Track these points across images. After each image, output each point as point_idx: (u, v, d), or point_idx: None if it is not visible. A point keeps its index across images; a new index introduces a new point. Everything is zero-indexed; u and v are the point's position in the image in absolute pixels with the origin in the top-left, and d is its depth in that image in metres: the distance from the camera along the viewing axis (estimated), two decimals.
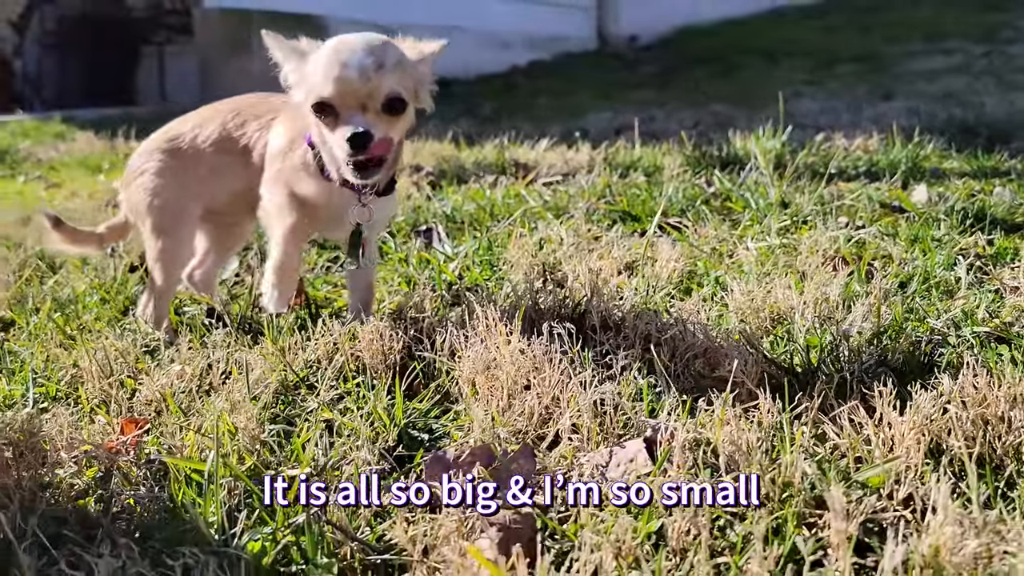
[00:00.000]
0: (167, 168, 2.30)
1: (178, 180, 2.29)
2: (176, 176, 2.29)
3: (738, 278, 2.37)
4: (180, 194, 2.29)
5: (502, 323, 1.98)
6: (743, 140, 4.56)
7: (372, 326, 2.03)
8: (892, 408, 1.51)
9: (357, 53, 1.86)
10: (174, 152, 2.31)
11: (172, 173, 2.29)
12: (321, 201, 2.15)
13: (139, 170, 2.33)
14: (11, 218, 4.00)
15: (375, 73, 1.84)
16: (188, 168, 2.29)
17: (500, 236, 3.07)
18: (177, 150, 2.31)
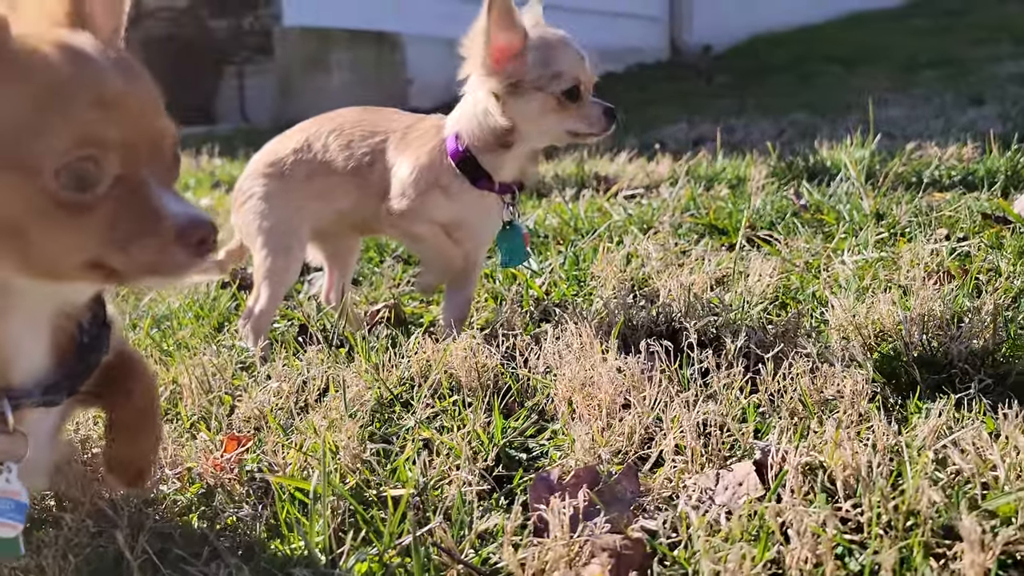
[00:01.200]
0: (272, 191, 2.33)
1: (284, 202, 2.33)
2: (282, 198, 2.33)
3: (837, 293, 2.30)
4: (287, 215, 2.33)
5: (597, 340, 1.96)
6: (829, 150, 4.45)
7: (464, 343, 2.02)
8: (1019, 431, 1.44)
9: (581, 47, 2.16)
10: (278, 175, 2.34)
11: (278, 196, 2.33)
12: (472, 213, 2.24)
13: (247, 194, 2.37)
14: None
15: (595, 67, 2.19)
16: (293, 190, 2.32)
17: (586, 251, 3.04)
18: (281, 173, 2.34)
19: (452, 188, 2.19)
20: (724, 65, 14.42)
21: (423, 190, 2.20)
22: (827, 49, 14.29)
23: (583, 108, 2.12)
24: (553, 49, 2.11)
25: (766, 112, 8.25)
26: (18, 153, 0.94)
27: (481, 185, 2.19)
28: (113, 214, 0.98)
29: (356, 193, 2.30)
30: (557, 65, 2.09)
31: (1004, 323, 1.97)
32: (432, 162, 2.20)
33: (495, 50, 2.07)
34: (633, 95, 12.06)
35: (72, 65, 0.99)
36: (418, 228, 2.26)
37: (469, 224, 2.27)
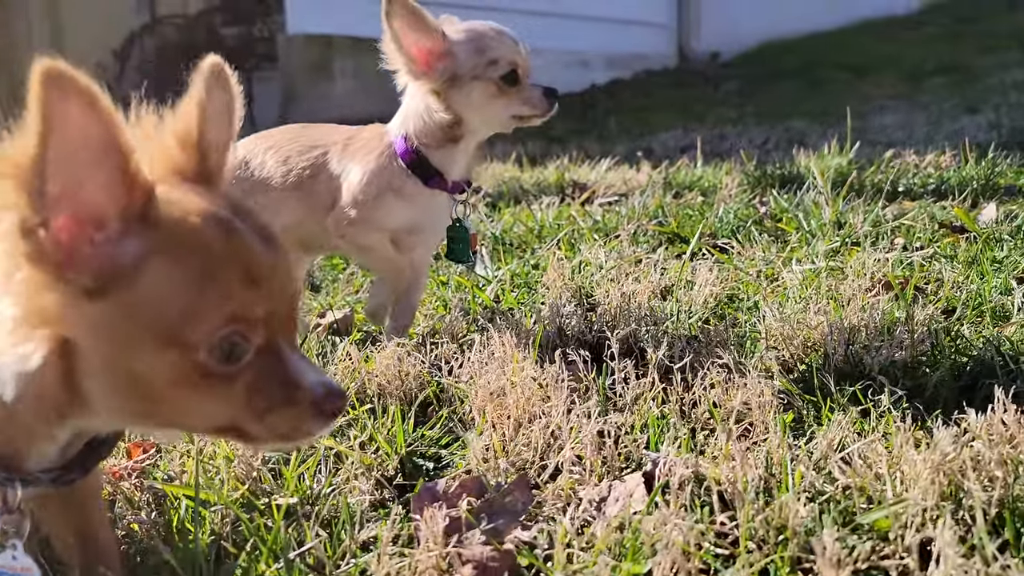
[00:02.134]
0: None
1: None
2: None
3: (775, 303, 2.28)
4: None
5: (518, 349, 1.95)
6: (808, 158, 4.43)
7: (391, 351, 2.02)
8: (913, 445, 1.42)
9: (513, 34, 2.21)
10: None
11: None
12: (425, 215, 2.26)
13: None
14: None
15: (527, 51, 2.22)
16: None
17: (544, 258, 3.04)
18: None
19: (405, 189, 2.20)
20: (732, 72, 14.36)
21: (375, 195, 2.21)
22: (837, 56, 14.20)
23: (524, 92, 2.16)
24: (485, 38, 2.15)
25: (764, 120, 8.21)
26: (174, 331, 0.94)
27: (434, 184, 2.21)
28: (253, 383, 0.99)
29: (299, 208, 2.30)
30: (492, 53, 2.13)
31: (931, 334, 1.95)
32: (382, 166, 2.21)
33: (417, 54, 2.09)
34: (638, 102, 12.05)
35: (223, 241, 0.97)
36: (368, 239, 2.26)
37: (421, 227, 2.29)
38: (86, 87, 0.84)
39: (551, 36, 13.26)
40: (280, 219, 2.32)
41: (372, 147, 2.23)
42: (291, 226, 2.34)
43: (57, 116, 0.83)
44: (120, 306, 0.93)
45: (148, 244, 0.93)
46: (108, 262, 0.92)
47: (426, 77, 2.12)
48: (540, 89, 2.19)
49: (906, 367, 1.84)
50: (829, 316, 2.07)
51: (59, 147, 0.85)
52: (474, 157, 2.33)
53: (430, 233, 2.34)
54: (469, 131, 2.21)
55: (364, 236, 2.26)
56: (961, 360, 1.89)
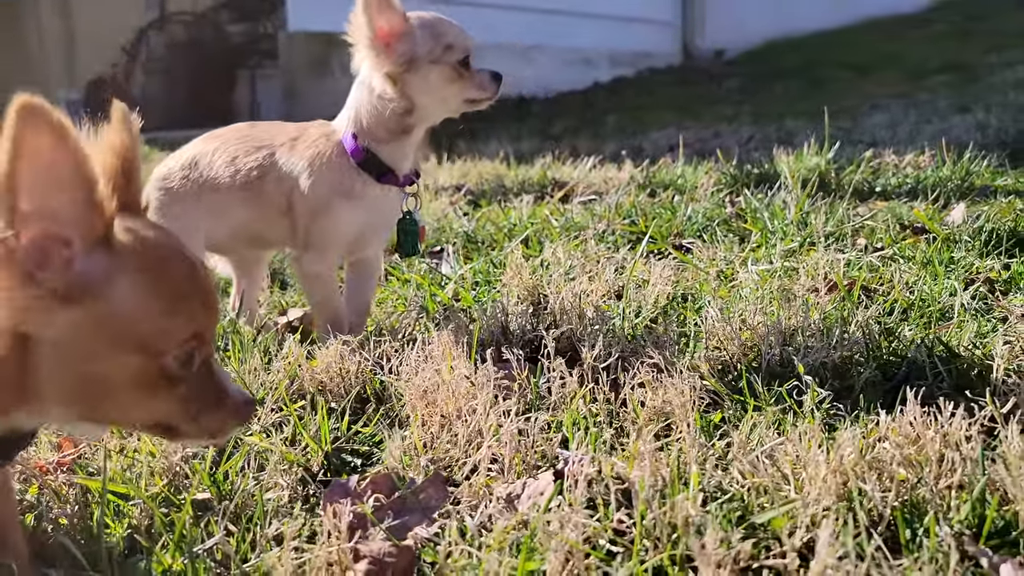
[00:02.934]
0: (164, 204, 2.35)
1: (176, 218, 2.32)
2: (172, 213, 2.34)
3: (720, 303, 2.29)
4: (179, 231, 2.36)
5: (457, 347, 1.97)
6: (788, 157, 4.42)
7: (334, 348, 2.04)
8: (819, 446, 1.43)
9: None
10: (167, 191, 2.37)
11: (169, 211, 2.35)
12: (377, 214, 2.29)
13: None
14: None
15: None
16: (183, 206, 2.34)
17: (510, 257, 3.05)
18: (170, 189, 2.37)
19: (355, 190, 2.22)
20: (736, 70, 14.33)
21: (324, 204, 2.22)
22: (842, 55, 14.15)
23: (475, 76, 2.23)
24: (439, 24, 2.20)
25: (760, 118, 8.20)
26: (144, 340, 1.08)
27: (386, 180, 2.23)
28: (191, 389, 1.14)
29: (247, 208, 2.32)
30: (447, 38, 2.18)
31: (866, 335, 1.96)
32: (330, 167, 2.22)
33: (381, 33, 2.13)
34: (639, 100, 12.04)
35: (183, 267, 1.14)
36: (321, 264, 2.30)
37: (374, 226, 2.31)
38: (58, 122, 0.94)
39: (554, 34, 13.29)
40: (229, 219, 2.35)
41: (319, 147, 2.25)
42: (241, 226, 2.37)
43: (28, 145, 0.93)
44: (90, 314, 1.03)
45: (115, 264, 1.04)
46: (77, 275, 1.02)
47: (385, 56, 2.15)
48: (487, 73, 2.25)
49: (836, 368, 1.85)
50: (770, 316, 2.08)
51: (29, 172, 0.95)
52: (420, 148, 2.35)
53: (382, 230, 2.37)
54: (421, 118, 2.23)
55: (320, 262, 2.29)
56: (895, 360, 1.90)
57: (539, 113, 10.85)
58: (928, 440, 1.40)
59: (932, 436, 1.40)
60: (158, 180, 2.41)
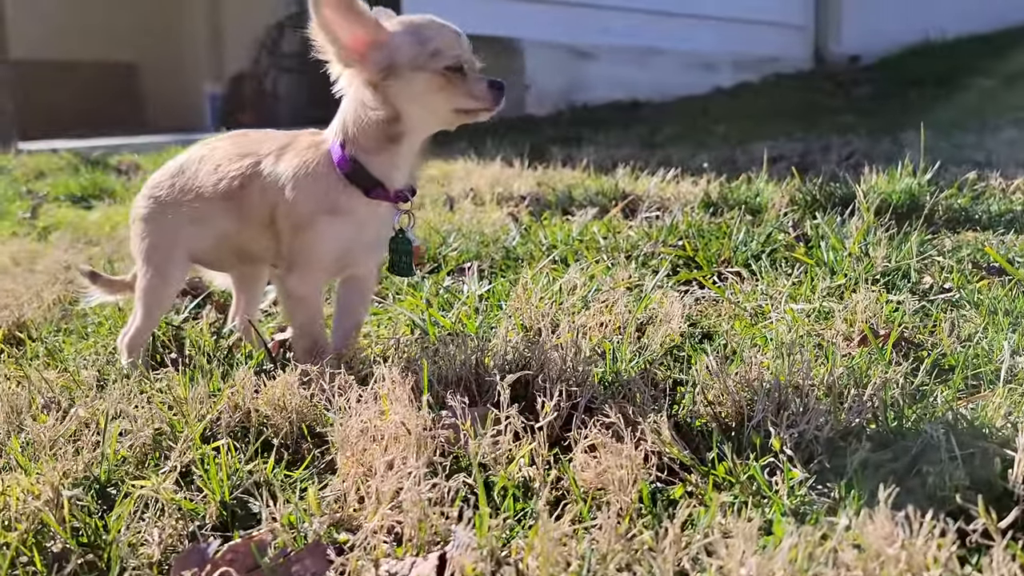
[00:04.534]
0: (153, 213, 2.27)
1: (161, 225, 2.26)
2: (159, 221, 2.26)
3: (729, 346, 2.01)
4: (163, 238, 2.27)
5: (403, 386, 1.77)
6: (878, 176, 4.01)
7: (281, 381, 1.88)
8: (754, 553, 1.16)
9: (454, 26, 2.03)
10: (156, 199, 2.28)
11: (156, 218, 2.27)
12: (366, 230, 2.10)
13: (134, 214, 2.34)
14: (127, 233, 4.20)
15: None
16: (169, 214, 2.26)
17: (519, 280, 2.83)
18: (157, 198, 2.28)
19: (341, 204, 2.05)
20: (869, 77, 13.56)
21: (308, 220, 2.07)
22: (988, 63, 13.13)
23: (467, 83, 1.99)
24: (426, 29, 1.99)
25: (880, 130, 7.63)
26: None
27: (375, 195, 2.05)
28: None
29: (229, 219, 2.20)
30: (433, 43, 1.96)
31: (874, 403, 1.64)
32: (316, 180, 2.07)
33: (351, 43, 1.96)
34: (759, 106, 11.51)
35: None
36: (306, 286, 2.13)
37: (363, 243, 2.13)
38: None
39: (673, 37, 12.88)
40: (212, 229, 2.23)
41: (306, 157, 2.09)
42: (223, 237, 2.24)
43: None
44: None
45: None
46: None
47: (360, 65, 1.98)
48: (485, 81, 2.01)
49: (830, 442, 1.55)
50: (775, 370, 1.79)
51: None
52: (417, 161, 2.15)
53: (373, 249, 2.18)
54: (409, 128, 2.03)
55: (304, 283, 2.13)
56: (909, 434, 1.58)
57: (649, 119, 10.49)
58: (888, 559, 1.11)
59: (894, 554, 1.11)
60: (148, 188, 2.32)
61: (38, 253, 3.87)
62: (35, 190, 6.04)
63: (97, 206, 5.55)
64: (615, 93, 11.80)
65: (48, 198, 5.87)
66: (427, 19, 2.03)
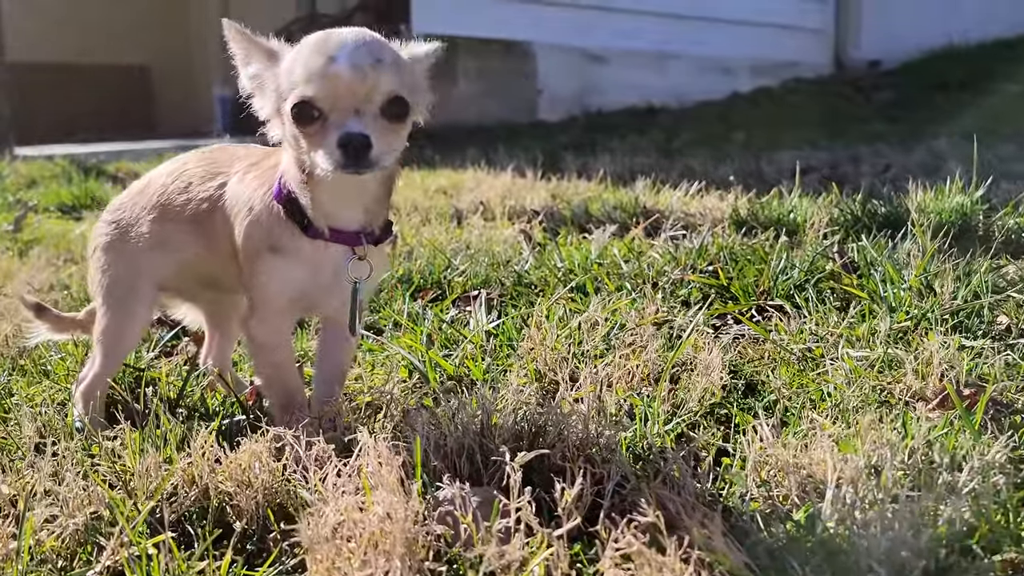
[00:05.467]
0: (113, 241, 1.98)
1: (122, 254, 1.96)
2: (121, 249, 1.96)
3: (774, 417, 1.69)
4: (125, 269, 1.96)
5: (396, 463, 1.45)
6: (924, 193, 3.68)
7: (247, 450, 1.57)
8: None
9: (347, 45, 1.53)
10: (118, 224, 1.98)
11: (117, 247, 1.97)
12: (315, 273, 1.74)
13: (93, 243, 2.04)
14: None
15: (372, 69, 1.52)
16: (131, 239, 1.96)
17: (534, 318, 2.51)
18: (119, 222, 1.98)
19: (283, 241, 1.73)
20: (890, 82, 13.18)
21: (254, 256, 1.75)
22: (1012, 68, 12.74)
23: (323, 135, 1.53)
24: (298, 53, 1.58)
25: (910, 138, 7.28)
26: None
27: (312, 234, 1.71)
28: None
29: (195, 244, 1.90)
30: (295, 73, 1.55)
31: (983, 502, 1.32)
32: (261, 212, 1.75)
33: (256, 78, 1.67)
34: (779, 112, 11.17)
35: None
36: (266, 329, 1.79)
37: (320, 286, 1.77)
38: None
39: (690, 41, 12.55)
40: (178, 254, 1.93)
41: (264, 180, 1.78)
42: (189, 264, 1.94)
43: None
44: None
45: None
46: None
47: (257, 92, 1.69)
48: (337, 135, 1.50)
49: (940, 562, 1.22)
50: (842, 444, 1.47)
51: None
52: (376, 200, 1.73)
53: (336, 291, 1.78)
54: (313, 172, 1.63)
55: (263, 326, 1.79)
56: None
57: (665, 124, 10.16)
58: None
59: None
60: (110, 212, 2.02)
61: (12, 273, 3.57)
62: (25, 199, 5.76)
63: (86, 217, 5.26)
64: (630, 98, 11.47)
65: (37, 208, 5.60)
66: (319, 36, 1.60)
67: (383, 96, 1.52)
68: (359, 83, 1.50)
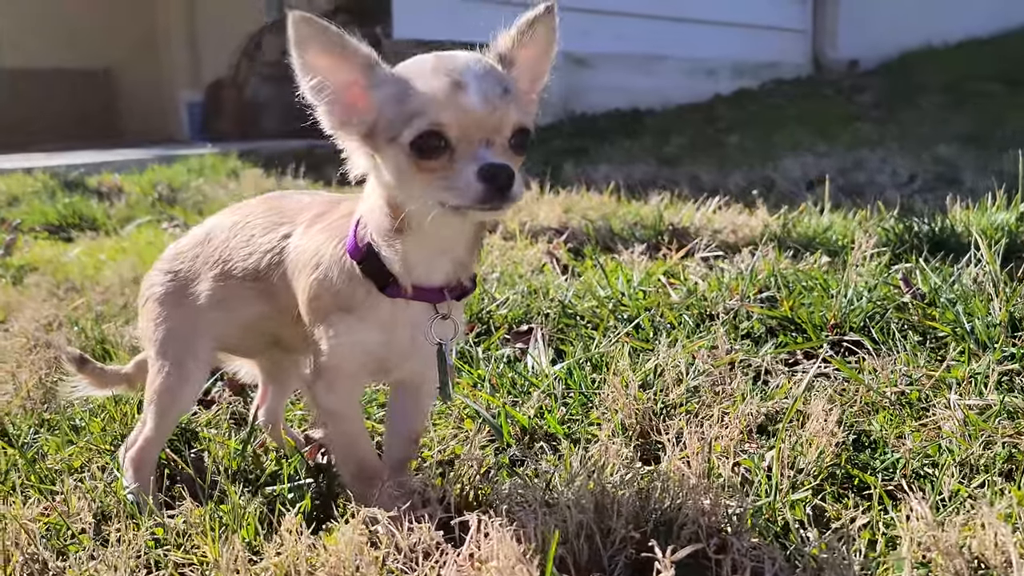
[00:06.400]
0: (169, 294, 1.80)
1: (180, 308, 1.79)
2: (178, 304, 1.79)
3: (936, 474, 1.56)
4: (182, 325, 1.78)
5: (527, 563, 1.30)
6: (966, 210, 3.58)
7: (349, 532, 1.40)
8: None
9: (473, 72, 1.38)
10: (175, 275, 1.81)
11: (174, 300, 1.80)
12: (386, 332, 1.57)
13: (146, 294, 1.85)
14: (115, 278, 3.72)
15: (500, 99, 1.38)
16: (188, 296, 1.78)
17: (610, 353, 2.37)
18: (176, 272, 1.81)
19: (356, 300, 1.55)
20: (870, 83, 13.20)
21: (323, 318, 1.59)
22: (993, 67, 12.83)
23: (451, 169, 1.36)
24: (417, 78, 1.39)
25: (907, 144, 7.23)
26: None
27: (391, 292, 1.54)
28: None
29: (258, 303, 1.72)
30: (414, 101, 1.37)
31: None
32: (331, 266, 1.58)
33: (346, 94, 1.43)
34: (765, 115, 11.11)
35: None
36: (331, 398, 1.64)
37: (397, 349, 1.60)
38: None
39: (674, 44, 12.46)
40: (237, 313, 1.75)
41: (332, 233, 1.60)
42: (251, 324, 1.77)
43: None
44: None
45: None
46: None
47: (344, 129, 1.46)
48: (476, 166, 1.35)
49: None
50: (1007, 529, 1.34)
51: None
52: (467, 252, 1.56)
53: (413, 354, 1.62)
54: (411, 219, 1.47)
55: (332, 393, 1.63)
56: None
57: (654, 128, 10.06)
58: None
59: None
60: (166, 261, 1.84)
61: (13, 305, 3.36)
62: (9, 218, 5.51)
63: (78, 239, 5.04)
64: (614, 101, 11.38)
65: (23, 227, 5.35)
66: (434, 59, 1.42)
67: (511, 127, 1.39)
68: (490, 114, 1.36)
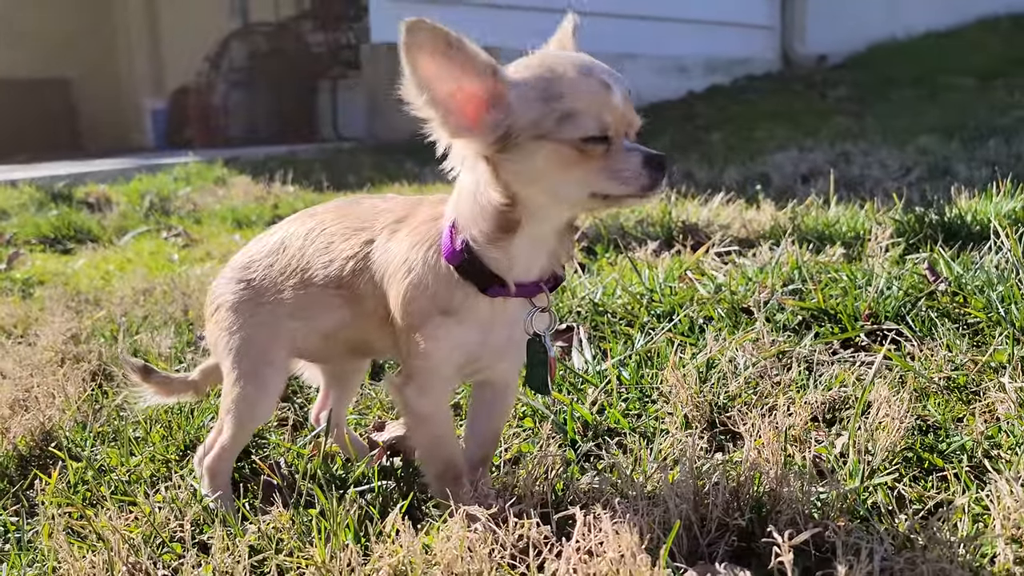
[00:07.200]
0: (243, 302, 1.80)
1: (255, 317, 1.79)
2: (253, 312, 1.79)
3: (1001, 454, 1.62)
4: (259, 334, 1.78)
5: (642, 549, 1.34)
6: (970, 199, 3.68)
7: (456, 533, 1.43)
8: None
9: (606, 71, 1.50)
10: (248, 284, 1.81)
11: (249, 309, 1.80)
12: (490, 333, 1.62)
13: (217, 302, 1.84)
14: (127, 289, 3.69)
15: (629, 96, 1.51)
16: (265, 303, 1.79)
17: (658, 348, 2.41)
18: (250, 281, 1.81)
19: (455, 303, 1.59)
20: (841, 77, 13.40)
21: (420, 322, 1.61)
22: (959, 59, 13.08)
23: (613, 160, 1.44)
24: (561, 78, 1.44)
25: (888, 135, 7.37)
26: None
27: (493, 292, 1.57)
28: None
29: (341, 311, 1.73)
30: (568, 100, 1.43)
31: None
32: (426, 271, 1.60)
33: (457, 102, 1.45)
34: (741, 111, 11.25)
35: None
36: (425, 402, 1.66)
37: (492, 348, 1.64)
38: None
39: (647, 42, 12.57)
40: (318, 322, 1.76)
41: (421, 236, 1.63)
42: (333, 332, 1.78)
43: None
44: None
45: None
46: None
47: (471, 135, 1.47)
48: (640, 155, 1.44)
49: None
50: None
51: None
52: (562, 242, 1.61)
53: (506, 352, 1.67)
54: (529, 215, 1.52)
55: (424, 397, 1.66)
56: None
57: None
58: None
59: None
60: (236, 269, 1.84)
61: (30, 319, 3.33)
62: (2, 232, 5.44)
63: (78, 251, 4.99)
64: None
65: (16, 240, 5.29)
66: (571, 60, 1.48)
67: (638, 122, 1.51)
68: (629, 110, 1.48)
